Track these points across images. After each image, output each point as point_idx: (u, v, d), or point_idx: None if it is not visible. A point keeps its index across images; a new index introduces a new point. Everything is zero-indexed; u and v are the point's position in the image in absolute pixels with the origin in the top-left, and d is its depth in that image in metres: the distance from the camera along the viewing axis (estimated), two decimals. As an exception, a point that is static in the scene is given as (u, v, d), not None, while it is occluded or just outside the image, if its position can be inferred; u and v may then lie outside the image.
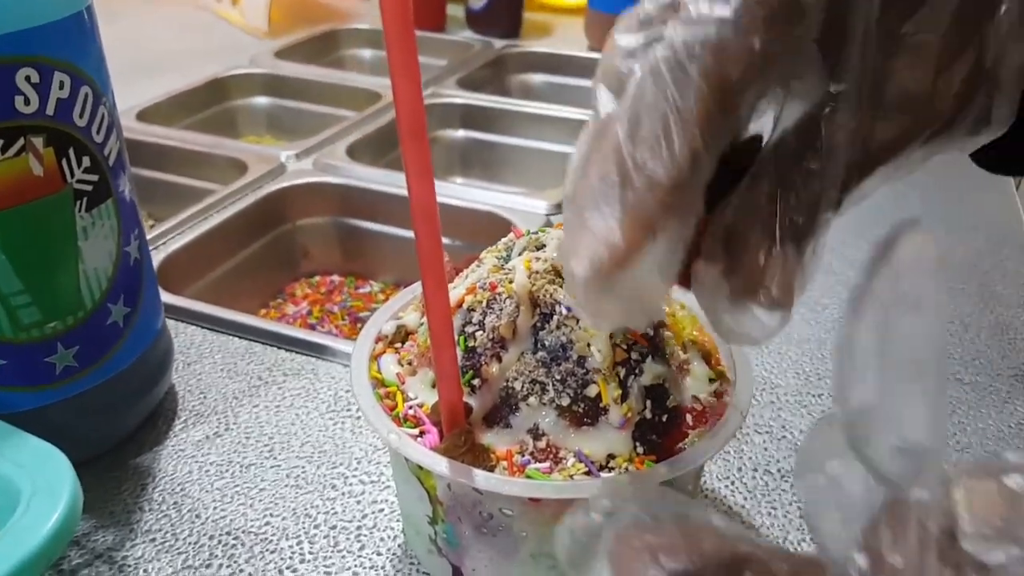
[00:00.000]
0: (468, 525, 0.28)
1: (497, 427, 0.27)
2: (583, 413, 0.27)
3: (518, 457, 0.27)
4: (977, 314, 0.47)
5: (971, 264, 0.52)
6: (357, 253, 0.64)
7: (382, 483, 0.36)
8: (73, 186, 0.31)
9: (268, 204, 0.61)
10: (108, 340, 0.35)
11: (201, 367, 0.43)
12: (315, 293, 0.62)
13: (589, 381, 0.27)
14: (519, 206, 0.58)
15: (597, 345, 0.27)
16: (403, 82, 0.21)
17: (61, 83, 0.30)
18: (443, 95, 0.78)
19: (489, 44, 0.93)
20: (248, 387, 0.42)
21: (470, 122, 0.77)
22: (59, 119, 0.30)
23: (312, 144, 0.67)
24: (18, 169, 0.30)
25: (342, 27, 0.98)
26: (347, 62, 0.97)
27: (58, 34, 0.30)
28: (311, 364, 0.43)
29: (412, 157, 0.23)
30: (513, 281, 0.28)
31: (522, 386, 0.27)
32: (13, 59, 0.28)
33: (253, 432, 0.39)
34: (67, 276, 0.32)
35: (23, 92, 0.29)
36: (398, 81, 0.22)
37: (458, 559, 0.29)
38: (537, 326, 0.27)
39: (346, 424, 0.39)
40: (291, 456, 0.37)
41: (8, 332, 0.32)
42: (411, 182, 0.23)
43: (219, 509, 0.35)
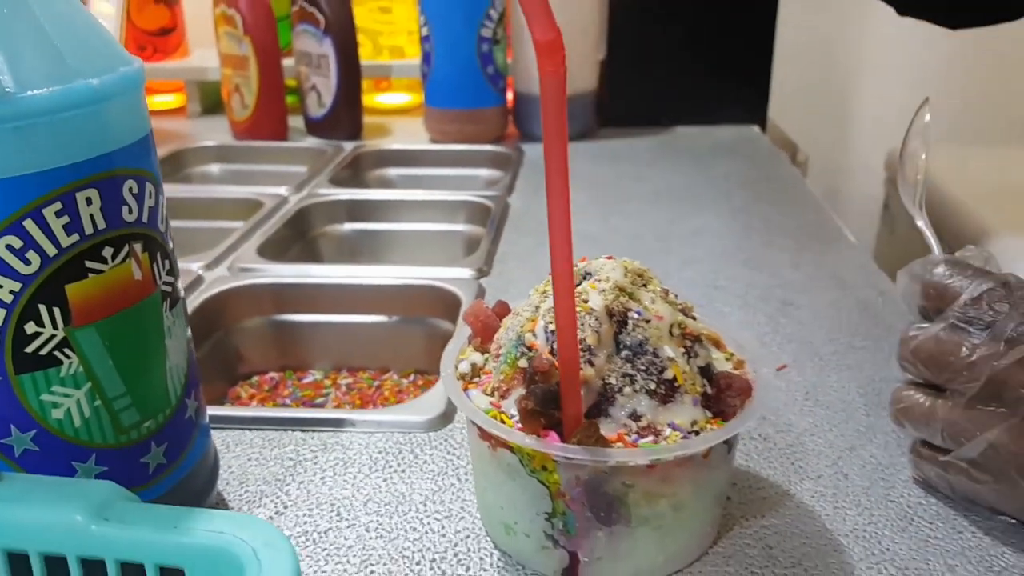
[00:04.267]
0: (588, 508, 0.33)
1: (602, 418, 0.33)
2: (665, 393, 0.34)
3: (628, 437, 0.33)
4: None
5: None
6: (291, 347, 0.66)
7: (454, 516, 0.40)
8: (161, 288, 0.34)
9: (199, 316, 0.61)
10: (188, 434, 0.36)
11: (227, 461, 0.44)
12: (260, 392, 0.63)
13: (665, 367, 0.34)
14: (447, 275, 0.64)
15: (665, 339, 0.34)
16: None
17: (150, 192, 0.33)
18: (322, 195, 0.82)
19: (339, 146, 0.98)
20: (284, 470, 0.43)
21: (355, 215, 0.82)
22: (150, 226, 0.33)
23: (218, 253, 0.68)
24: (124, 275, 0.32)
25: (185, 147, 0.99)
26: (196, 177, 0.98)
27: (144, 148, 0.33)
28: (335, 438, 0.46)
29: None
30: (588, 301, 0.34)
31: (616, 380, 0.33)
32: (121, 172, 0.31)
33: (312, 504, 0.41)
34: (159, 375, 0.34)
35: (127, 202, 0.31)
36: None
37: (576, 545, 0.34)
38: (616, 332, 0.34)
39: (395, 478, 0.43)
40: (360, 514, 0.40)
41: (111, 438, 0.33)
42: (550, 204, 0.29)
43: (319, 572, 0.37)
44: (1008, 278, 0.38)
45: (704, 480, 0.34)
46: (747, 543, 0.38)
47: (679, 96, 1.03)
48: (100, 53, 0.30)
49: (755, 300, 0.60)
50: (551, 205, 0.29)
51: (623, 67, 1.02)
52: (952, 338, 0.38)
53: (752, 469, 0.43)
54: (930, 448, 0.40)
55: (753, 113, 1.04)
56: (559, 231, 0.29)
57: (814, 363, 0.52)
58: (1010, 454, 0.36)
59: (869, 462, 0.43)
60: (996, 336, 0.36)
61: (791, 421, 0.47)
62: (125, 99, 0.31)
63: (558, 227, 0.29)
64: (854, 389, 0.49)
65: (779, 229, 0.73)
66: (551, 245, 0.30)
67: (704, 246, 0.70)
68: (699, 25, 0.99)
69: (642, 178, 0.87)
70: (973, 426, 0.37)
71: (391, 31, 1.14)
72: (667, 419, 0.33)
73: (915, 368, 0.39)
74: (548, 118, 0.27)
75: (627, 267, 0.36)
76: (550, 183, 0.28)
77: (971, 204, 1.09)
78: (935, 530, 0.39)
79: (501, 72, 0.98)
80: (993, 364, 0.36)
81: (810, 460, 0.44)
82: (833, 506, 0.40)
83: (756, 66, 1.01)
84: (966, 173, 1.20)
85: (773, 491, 0.41)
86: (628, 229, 0.74)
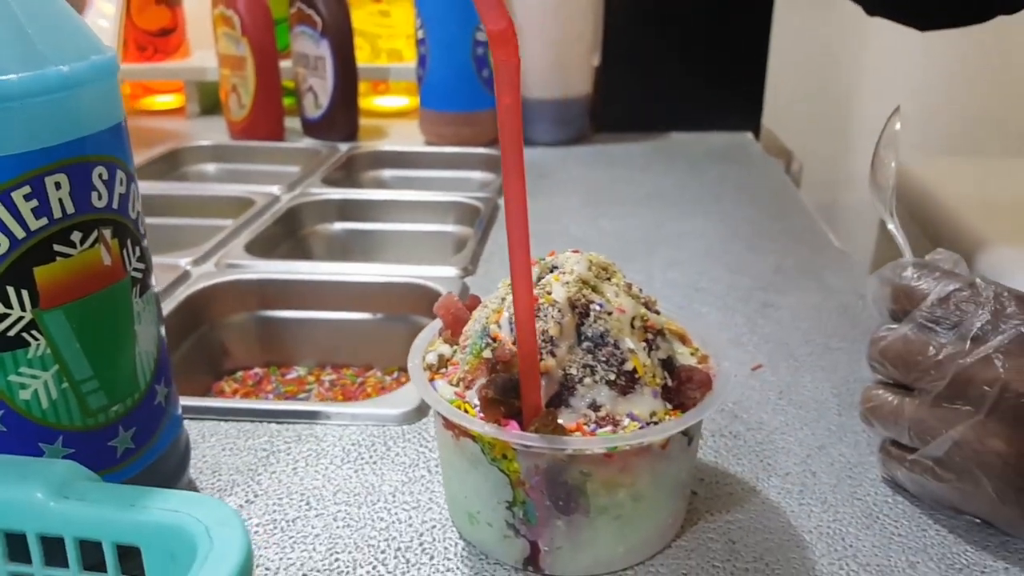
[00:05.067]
0: (547, 497, 0.34)
1: (562, 408, 0.34)
2: (625, 384, 0.34)
3: (586, 427, 0.33)
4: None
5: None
6: (276, 343, 0.66)
7: (422, 507, 0.40)
8: (131, 274, 0.34)
9: (184, 310, 0.62)
10: (157, 419, 0.37)
11: (201, 451, 0.44)
12: (244, 387, 0.63)
13: (625, 359, 0.34)
14: (432, 274, 0.64)
15: (626, 331, 0.34)
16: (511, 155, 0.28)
17: (121, 180, 0.33)
18: (314, 194, 0.83)
19: (335, 147, 0.99)
20: (257, 460, 0.44)
21: (346, 215, 0.82)
22: (120, 212, 0.33)
23: (207, 249, 0.69)
24: (93, 259, 0.32)
25: (182, 146, 1.00)
26: (192, 176, 0.99)
27: (116, 136, 0.33)
28: (309, 430, 0.46)
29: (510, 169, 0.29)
30: (552, 293, 0.35)
31: (577, 371, 0.34)
32: (91, 158, 0.32)
33: (283, 493, 0.41)
34: (127, 359, 0.35)
35: (97, 188, 0.32)
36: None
37: (536, 534, 0.35)
38: (579, 324, 0.34)
39: (366, 469, 0.43)
40: (329, 504, 0.41)
41: (78, 420, 0.33)
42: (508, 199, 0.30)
43: (285, 559, 0.37)
44: (975, 279, 0.38)
45: (663, 471, 0.35)
46: (710, 537, 0.38)
47: (674, 102, 1.03)
48: (72, 41, 0.31)
49: (735, 302, 0.60)
50: (508, 196, 0.29)
51: (618, 72, 1.02)
52: (919, 338, 0.38)
53: (721, 465, 0.43)
54: (898, 447, 0.40)
55: (747, 120, 1.04)
56: (516, 221, 0.30)
57: (789, 364, 0.52)
58: (973, 452, 0.36)
59: (838, 460, 0.44)
60: (962, 335, 0.37)
61: (763, 419, 0.47)
62: (96, 86, 0.32)
63: (515, 217, 0.29)
64: (828, 389, 0.50)
65: (765, 234, 0.73)
66: (508, 235, 0.30)
67: (689, 248, 0.70)
68: (694, 32, 1.00)
69: (633, 182, 0.88)
70: (939, 424, 0.37)
71: (390, 34, 1.15)
72: (626, 410, 0.34)
73: (884, 368, 0.40)
74: (503, 108, 0.27)
75: (592, 261, 0.36)
76: (507, 174, 0.29)
77: (968, 215, 1.09)
78: (899, 528, 0.39)
79: (496, 76, 0.99)
80: (959, 362, 0.36)
81: (779, 457, 0.44)
82: (799, 503, 0.40)
83: (750, 73, 1.01)
84: (964, 184, 1.20)
85: (740, 487, 0.42)
86: (616, 231, 0.74)
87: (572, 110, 1.00)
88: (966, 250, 1.06)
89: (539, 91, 0.98)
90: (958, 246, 1.08)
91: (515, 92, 0.27)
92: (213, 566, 0.25)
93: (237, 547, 0.26)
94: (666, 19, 0.99)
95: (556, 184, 0.88)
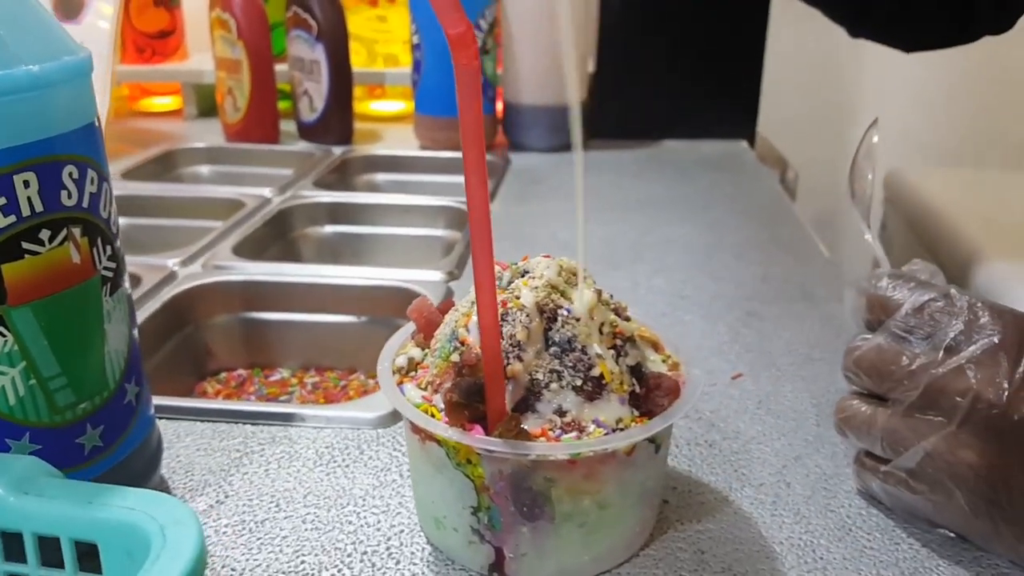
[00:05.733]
0: (512, 503, 0.34)
1: (528, 413, 0.34)
2: (592, 390, 0.34)
3: (551, 432, 0.33)
4: (803, 312, 0.61)
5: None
6: (260, 345, 0.66)
7: (391, 511, 0.40)
8: (101, 273, 0.34)
9: (169, 310, 0.62)
10: (126, 418, 0.37)
11: (175, 451, 0.45)
12: (226, 388, 0.63)
13: (592, 364, 0.34)
14: (418, 278, 0.64)
15: (594, 337, 0.34)
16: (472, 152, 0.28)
17: (92, 179, 0.33)
18: (305, 197, 0.83)
19: (328, 151, 0.99)
20: (230, 461, 0.44)
21: (336, 218, 0.83)
22: (91, 211, 0.34)
23: (195, 250, 0.69)
24: (61, 257, 0.32)
25: (177, 147, 1.01)
26: (187, 178, 0.99)
27: (88, 136, 0.33)
28: (283, 432, 0.46)
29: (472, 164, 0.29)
30: (520, 297, 0.35)
31: (543, 376, 0.34)
32: (61, 157, 0.32)
33: (253, 494, 0.41)
34: (96, 358, 0.35)
35: (67, 187, 0.32)
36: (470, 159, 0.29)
37: (501, 540, 0.35)
38: (546, 328, 0.34)
39: (338, 472, 0.43)
40: (299, 507, 0.40)
41: (45, 417, 0.33)
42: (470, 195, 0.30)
43: (251, 560, 0.37)
44: (949, 290, 0.38)
45: (629, 479, 0.35)
46: (679, 546, 0.38)
47: (668, 110, 1.03)
48: (44, 41, 0.31)
49: (719, 310, 0.60)
50: (471, 203, 0.29)
51: (613, 80, 1.02)
52: (893, 348, 0.38)
53: (694, 474, 0.43)
54: (873, 459, 0.40)
55: (742, 129, 1.04)
56: (479, 227, 0.30)
57: (770, 373, 0.52)
58: (945, 463, 0.36)
59: (814, 472, 0.43)
60: (935, 345, 0.37)
61: (740, 429, 0.47)
62: (67, 87, 0.32)
63: (478, 223, 0.30)
64: (807, 399, 0.50)
65: (753, 242, 0.73)
66: (472, 240, 0.30)
67: (675, 255, 0.70)
68: (689, 40, 1.00)
69: (624, 188, 0.88)
70: (912, 435, 0.37)
71: (386, 39, 1.15)
72: (592, 416, 0.34)
73: (858, 378, 0.40)
74: (464, 111, 0.27)
75: (562, 266, 0.36)
76: (469, 179, 0.29)
77: (966, 228, 1.09)
78: (872, 541, 0.39)
79: (491, 82, 0.99)
80: (931, 372, 0.36)
81: (754, 467, 0.44)
82: (771, 514, 0.40)
83: (745, 82, 1.01)
84: (963, 196, 1.20)
85: (712, 496, 0.41)
86: (603, 237, 0.74)
87: (565, 117, 0.99)
88: (963, 262, 1.06)
89: (532, 97, 0.98)
90: (955, 258, 1.08)
91: (476, 97, 0.27)
92: (164, 564, 0.25)
93: (190, 547, 0.26)
94: (661, 27, 0.99)
95: (547, 189, 0.88)
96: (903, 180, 1.29)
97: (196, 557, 0.26)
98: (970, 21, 0.55)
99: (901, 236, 1.31)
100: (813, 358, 0.54)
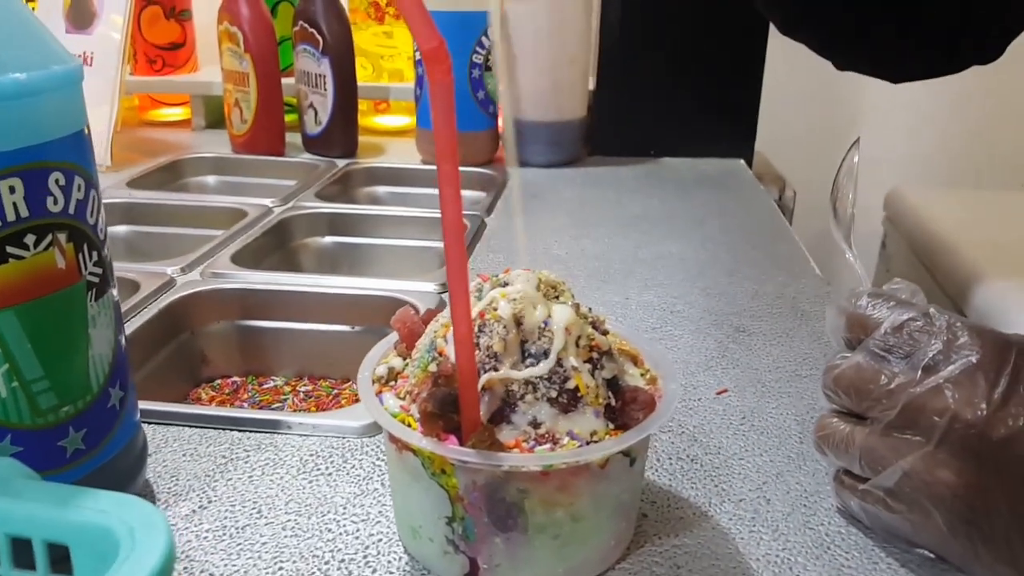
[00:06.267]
0: (486, 514, 0.34)
1: (503, 424, 0.34)
2: (567, 402, 0.34)
3: (525, 444, 0.33)
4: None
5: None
6: (255, 352, 0.67)
7: (371, 520, 0.41)
8: (86, 278, 0.35)
9: (165, 316, 0.63)
10: (109, 422, 0.37)
11: (162, 456, 0.45)
12: (220, 395, 0.64)
13: (568, 377, 0.34)
14: (412, 288, 0.65)
15: (570, 350, 0.35)
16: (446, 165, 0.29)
17: (79, 186, 0.34)
18: (306, 207, 0.84)
19: (332, 163, 1.00)
20: (215, 467, 0.44)
21: (336, 228, 0.83)
22: (77, 217, 0.34)
23: (194, 258, 0.70)
24: (46, 263, 0.33)
25: (183, 157, 1.02)
26: (193, 187, 1.01)
27: (76, 143, 0.34)
28: (269, 439, 0.47)
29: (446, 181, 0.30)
30: (498, 309, 0.35)
31: (519, 387, 0.34)
32: (48, 164, 0.32)
33: (236, 500, 0.42)
34: (80, 362, 0.35)
35: (53, 193, 0.33)
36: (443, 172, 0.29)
37: (475, 551, 0.35)
38: (523, 340, 0.35)
39: (321, 480, 0.43)
40: (280, 513, 0.41)
41: (27, 419, 0.34)
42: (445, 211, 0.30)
43: (230, 565, 0.37)
44: (929, 309, 0.38)
45: (603, 492, 0.35)
46: (655, 561, 0.38)
47: (667, 127, 1.04)
48: (32, 50, 0.32)
49: (708, 326, 0.60)
50: (445, 216, 0.30)
51: (613, 96, 1.03)
52: (872, 366, 0.38)
53: (674, 488, 0.43)
54: (851, 477, 0.40)
55: (740, 147, 1.04)
56: (453, 240, 0.30)
57: (756, 389, 0.52)
58: (923, 483, 0.36)
59: (794, 489, 0.43)
60: (914, 364, 0.37)
61: (722, 444, 0.47)
62: (55, 95, 0.33)
63: (452, 237, 0.30)
64: (792, 416, 0.50)
65: (746, 259, 0.73)
66: (446, 251, 0.31)
67: (668, 271, 0.70)
68: (688, 59, 1.01)
69: (621, 204, 0.88)
70: (890, 454, 0.37)
71: (392, 55, 1.17)
72: (567, 428, 0.34)
73: (837, 396, 0.40)
74: (438, 123, 0.28)
75: (541, 279, 0.37)
76: (443, 193, 0.29)
77: (965, 249, 1.09)
78: (850, 559, 0.39)
79: (492, 97, 1.00)
80: (909, 391, 0.36)
81: (735, 483, 0.44)
82: (750, 530, 0.40)
83: (744, 100, 1.02)
84: (963, 217, 1.20)
85: (691, 511, 0.42)
86: (597, 252, 0.75)
87: (566, 133, 1.00)
88: (962, 282, 1.06)
89: (533, 114, 0.99)
90: (954, 278, 1.07)
91: (450, 109, 0.28)
92: (131, 567, 0.26)
93: (158, 550, 0.27)
94: (661, 45, 1.00)
95: (545, 205, 0.88)
96: (903, 200, 1.29)
97: (163, 560, 0.26)
98: (955, 52, 0.56)
99: (901, 256, 1.31)
100: (800, 375, 0.54)
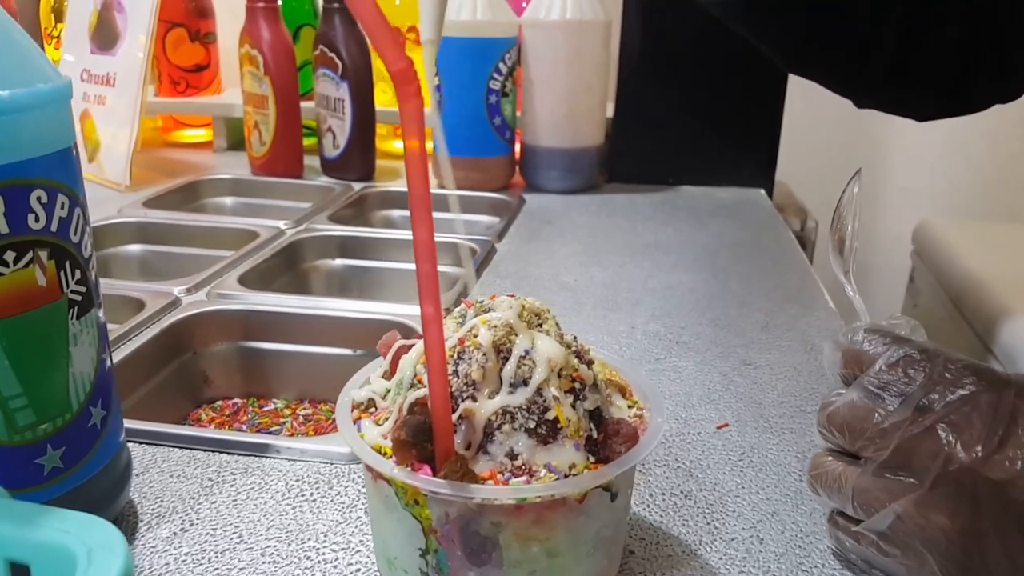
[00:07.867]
0: (459, 546, 0.33)
1: (479, 455, 0.33)
2: (546, 434, 0.33)
3: (500, 476, 0.33)
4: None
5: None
6: (257, 374, 0.67)
7: (352, 549, 0.40)
8: (68, 296, 0.35)
9: (168, 336, 0.63)
10: (89, 441, 0.37)
11: (149, 476, 0.45)
12: (220, 416, 0.64)
13: (548, 407, 0.34)
14: (415, 312, 0.64)
15: (551, 380, 0.34)
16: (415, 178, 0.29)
17: (62, 204, 0.34)
18: (318, 230, 0.84)
19: (349, 186, 1.01)
20: (201, 489, 0.44)
21: (347, 251, 0.83)
22: (60, 235, 0.34)
23: (202, 279, 0.70)
24: (26, 279, 0.33)
25: (202, 178, 1.03)
26: (210, 208, 1.02)
27: (62, 161, 0.34)
28: (256, 463, 0.46)
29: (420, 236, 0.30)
30: (478, 336, 0.34)
31: (496, 417, 0.33)
32: (31, 181, 0.33)
33: (218, 524, 0.41)
34: (60, 380, 0.35)
35: (34, 210, 0.33)
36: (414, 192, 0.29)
37: (449, 583, 0.34)
38: (501, 368, 0.34)
39: (304, 507, 0.43)
40: (260, 539, 0.40)
41: (3, 436, 0.34)
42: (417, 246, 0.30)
43: (204, 590, 0.37)
44: (927, 346, 0.37)
45: (581, 527, 0.34)
46: (640, 599, 0.37)
47: (686, 156, 1.03)
48: (18, 67, 0.32)
49: (714, 358, 0.59)
50: (417, 240, 0.29)
51: (630, 124, 1.03)
52: (865, 404, 0.37)
53: (665, 525, 0.42)
54: (845, 518, 0.39)
55: (760, 176, 1.03)
56: (425, 266, 0.30)
57: (758, 424, 0.51)
58: (917, 527, 0.34)
59: (790, 528, 0.42)
60: (908, 403, 0.35)
61: (719, 480, 0.46)
62: (39, 112, 0.33)
63: (423, 256, 0.29)
64: (792, 454, 0.48)
65: (758, 290, 0.72)
66: (418, 275, 0.30)
67: (676, 300, 0.69)
68: (707, 87, 1.00)
69: (634, 232, 0.88)
70: (883, 495, 0.35)
71: (412, 79, 1.17)
72: (545, 460, 0.33)
73: (831, 435, 0.38)
74: (409, 148, 0.27)
75: (524, 306, 0.36)
76: (414, 216, 0.29)
77: (995, 285, 1.06)
78: (844, 604, 0.37)
79: (508, 123, 1.00)
80: (903, 431, 0.35)
81: (728, 521, 0.42)
82: (740, 571, 0.39)
83: (764, 129, 1.01)
84: (992, 251, 1.17)
85: (681, 550, 0.40)
86: (606, 279, 0.74)
87: (582, 159, 1.00)
88: (990, 318, 1.03)
89: (549, 140, 0.99)
90: (982, 313, 1.05)
91: (420, 133, 0.27)
92: (83, 590, 0.25)
93: (114, 573, 0.26)
94: (680, 71, 0.99)
95: (558, 231, 0.88)
96: (931, 232, 1.27)
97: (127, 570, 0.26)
98: (971, 94, 0.54)
99: (929, 290, 1.28)
100: (804, 410, 0.53)
